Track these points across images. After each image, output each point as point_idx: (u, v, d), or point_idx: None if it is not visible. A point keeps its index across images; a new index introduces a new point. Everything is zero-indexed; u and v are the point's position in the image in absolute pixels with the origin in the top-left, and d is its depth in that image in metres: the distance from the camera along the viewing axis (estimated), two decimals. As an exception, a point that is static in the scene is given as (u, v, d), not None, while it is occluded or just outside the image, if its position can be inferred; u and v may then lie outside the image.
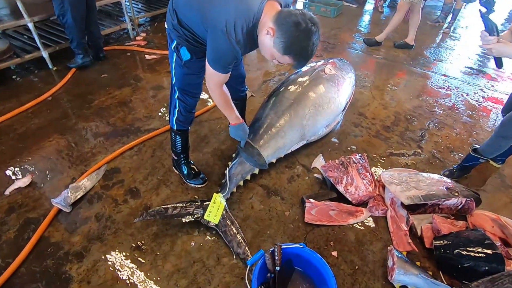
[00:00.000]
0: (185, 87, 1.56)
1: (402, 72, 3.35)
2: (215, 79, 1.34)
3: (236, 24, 1.14)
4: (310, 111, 2.08)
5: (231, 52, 1.20)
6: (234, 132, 1.63)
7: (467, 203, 1.68)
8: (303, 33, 1.12)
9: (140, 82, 2.87)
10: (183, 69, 1.48)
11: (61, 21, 2.66)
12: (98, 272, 1.43)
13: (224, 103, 1.48)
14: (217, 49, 1.22)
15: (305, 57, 1.20)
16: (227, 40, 1.15)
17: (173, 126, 1.73)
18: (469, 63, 3.62)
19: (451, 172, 2.00)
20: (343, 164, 1.87)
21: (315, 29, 1.14)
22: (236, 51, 1.19)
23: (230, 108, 1.52)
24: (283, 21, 1.12)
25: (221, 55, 1.24)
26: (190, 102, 1.62)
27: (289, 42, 1.13)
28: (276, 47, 1.16)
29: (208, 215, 1.57)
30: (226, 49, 1.19)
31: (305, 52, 1.17)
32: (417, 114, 2.66)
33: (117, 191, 1.82)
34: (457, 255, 1.44)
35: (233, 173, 1.77)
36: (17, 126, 2.27)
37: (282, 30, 1.13)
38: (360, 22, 4.76)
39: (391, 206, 1.73)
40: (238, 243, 1.54)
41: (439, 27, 4.67)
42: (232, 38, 1.15)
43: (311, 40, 1.14)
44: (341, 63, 2.57)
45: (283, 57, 1.19)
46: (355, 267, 1.50)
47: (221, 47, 1.19)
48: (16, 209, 1.69)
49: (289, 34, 1.12)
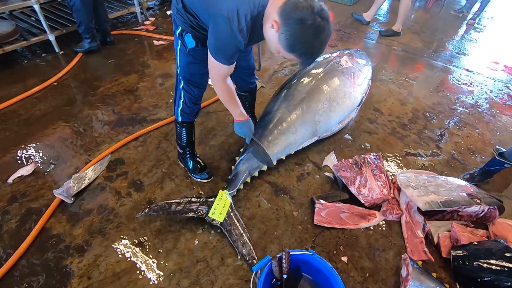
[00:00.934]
0: (190, 77, 1.47)
1: (422, 66, 3.16)
2: (218, 71, 1.25)
3: (239, 11, 1.04)
4: (323, 106, 1.97)
5: (233, 41, 1.10)
6: (238, 129, 1.54)
7: (490, 211, 1.57)
8: (310, 31, 1.01)
9: (147, 69, 2.78)
10: (188, 57, 1.38)
11: (69, 3, 2.57)
12: (99, 268, 1.39)
13: (228, 97, 1.38)
14: (219, 38, 1.12)
15: (312, 56, 1.10)
16: (229, 29, 1.06)
17: (178, 118, 1.65)
18: (494, 58, 3.40)
19: (472, 175, 1.88)
20: (357, 164, 1.76)
21: (324, 24, 1.01)
22: (238, 41, 1.10)
23: (235, 103, 1.42)
24: (288, 15, 1.01)
25: (223, 45, 1.14)
26: (195, 93, 1.53)
27: (294, 40, 1.03)
28: (281, 44, 1.07)
29: (213, 212, 1.51)
30: (228, 38, 1.09)
31: (312, 51, 1.08)
32: (436, 111, 2.51)
33: (120, 183, 1.77)
34: (477, 267, 1.35)
35: (240, 170, 1.69)
36: (22, 111, 2.22)
37: (286, 25, 1.02)
38: (378, 10, 4.50)
39: (407, 211, 1.63)
40: (243, 243, 1.47)
41: (463, 17, 4.40)
42: (235, 27, 1.05)
43: (319, 38, 1.03)
44: (357, 55, 2.43)
45: (289, 54, 1.11)
46: (366, 274, 1.42)
47: (223, 35, 1.10)
48: (19, 198, 1.66)
49: (294, 31, 1.02)
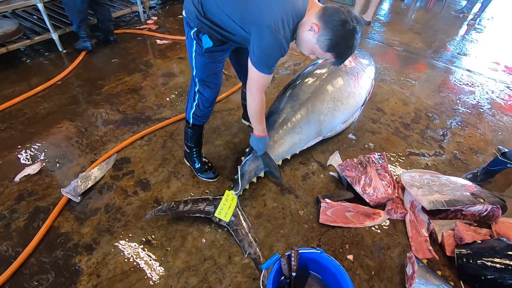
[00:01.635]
0: (206, 78, 1.47)
1: (423, 66, 3.18)
2: (259, 81, 1.28)
3: (283, 20, 1.11)
4: (328, 106, 1.99)
5: (279, 49, 1.17)
6: (255, 142, 1.57)
7: (493, 210, 1.59)
8: (350, 32, 1.12)
9: (151, 68, 2.78)
10: (204, 57, 1.38)
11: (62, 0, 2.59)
12: (108, 266, 1.40)
13: (261, 111, 1.42)
14: (265, 48, 1.17)
15: (347, 55, 1.20)
16: (276, 37, 1.12)
17: (189, 120, 1.66)
18: (495, 58, 3.42)
19: (474, 175, 1.90)
20: (362, 163, 1.78)
21: (359, 28, 1.14)
22: (284, 48, 1.17)
23: (262, 118, 1.47)
24: (330, 18, 1.11)
25: (269, 54, 1.19)
26: (209, 94, 1.53)
27: (336, 40, 1.13)
28: (320, 44, 1.16)
29: (219, 212, 1.52)
30: (274, 46, 1.16)
31: (349, 51, 1.17)
32: (438, 111, 2.53)
33: (127, 182, 1.78)
34: (481, 265, 1.37)
35: (246, 170, 1.71)
36: (27, 110, 2.23)
37: (328, 27, 1.12)
38: (380, 11, 4.53)
39: (411, 210, 1.65)
40: (249, 242, 1.49)
41: (464, 18, 4.42)
42: (281, 35, 1.12)
43: (356, 39, 1.14)
44: (361, 55, 2.45)
45: (325, 54, 1.19)
46: (372, 272, 1.44)
47: (269, 45, 1.16)
48: (26, 196, 1.66)
49: (336, 32, 1.11)
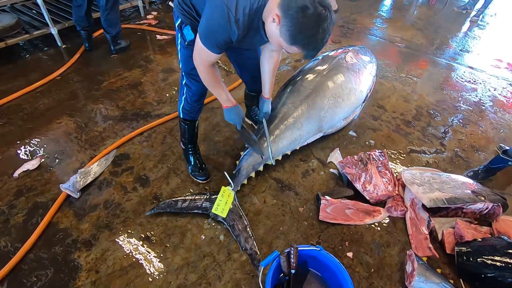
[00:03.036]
0: (191, 71, 1.44)
1: (425, 63, 3.16)
2: (203, 56, 1.20)
3: (238, 2, 1.02)
4: (329, 102, 1.97)
5: (225, 29, 1.07)
6: (227, 115, 1.49)
7: (493, 208, 1.58)
8: (311, 19, 0.96)
9: (150, 64, 2.76)
10: (187, 50, 1.37)
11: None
12: (106, 262, 1.40)
13: (214, 82, 1.34)
14: (211, 22, 1.08)
15: (314, 47, 1.04)
16: (225, 15, 1.02)
17: (180, 114, 1.66)
18: (498, 55, 3.39)
19: (475, 173, 1.89)
20: (362, 160, 1.77)
21: (326, 13, 0.97)
22: (232, 31, 1.07)
23: (220, 88, 1.37)
24: (289, 6, 0.97)
25: (214, 30, 1.10)
26: (196, 88, 1.52)
27: (295, 30, 0.99)
28: (283, 36, 1.03)
29: (216, 208, 1.52)
30: (221, 24, 1.06)
31: (314, 41, 1.01)
32: (440, 108, 2.51)
33: (126, 178, 1.77)
34: (481, 263, 1.36)
35: (243, 165, 1.70)
36: (26, 105, 2.21)
37: (287, 16, 0.98)
38: (381, 7, 4.50)
39: (411, 208, 1.64)
40: (246, 238, 1.48)
41: (467, 14, 4.38)
42: (232, 14, 1.02)
43: (320, 27, 0.98)
44: (362, 51, 2.42)
45: (291, 47, 1.05)
46: (371, 270, 1.44)
47: (216, 20, 1.06)
48: (25, 192, 1.66)
49: (295, 21, 0.97)
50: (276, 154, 1.79)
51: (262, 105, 1.71)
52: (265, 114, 1.74)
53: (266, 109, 1.72)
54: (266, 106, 1.71)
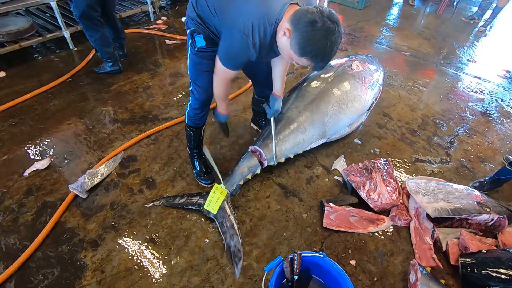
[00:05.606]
0: (196, 78, 1.49)
1: (432, 72, 3.16)
2: (223, 75, 1.32)
3: (253, 26, 1.09)
4: (333, 108, 1.99)
5: (245, 53, 1.16)
6: (216, 116, 1.66)
7: (499, 220, 1.57)
8: (320, 32, 1.01)
9: (159, 68, 2.81)
10: (195, 57, 1.41)
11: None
12: (112, 262, 1.42)
13: (224, 96, 1.52)
14: (231, 49, 1.19)
15: (323, 58, 1.08)
16: (244, 41, 1.11)
17: (185, 120, 1.70)
18: (505, 66, 3.38)
19: (481, 184, 1.88)
20: (367, 168, 1.78)
21: (334, 27, 1.02)
22: (250, 54, 1.16)
23: (225, 101, 1.57)
24: (299, 20, 1.03)
25: (234, 55, 1.21)
26: (199, 95, 1.54)
27: (305, 42, 1.04)
28: (293, 49, 1.08)
29: (208, 204, 1.56)
30: (240, 49, 1.15)
31: (323, 53, 1.06)
32: (446, 118, 2.51)
33: (133, 180, 1.80)
34: (486, 275, 1.35)
35: (239, 166, 1.74)
36: (37, 106, 2.27)
37: (297, 30, 1.04)
38: (389, 15, 4.51)
39: (415, 217, 1.64)
40: (231, 235, 1.50)
41: (474, 24, 4.37)
42: (250, 40, 1.11)
43: (329, 40, 1.03)
44: (369, 60, 2.44)
45: (301, 59, 1.10)
46: (374, 278, 1.44)
47: (235, 46, 1.16)
48: (34, 191, 1.70)
49: (304, 34, 1.03)
50: (279, 157, 1.81)
51: (273, 102, 1.70)
52: (276, 111, 1.73)
53: (277, 107, 1.71)
54: (278, 103, 1.70)
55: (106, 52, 2.48)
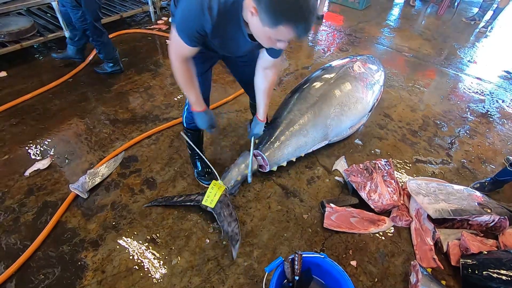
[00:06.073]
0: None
1: (433, 72, 3.16)
2: (177, 47, 1.17)
3: None
4: (335, 110, 1.99)
5: (199, 17, 1.03)
6: (196, 119, 1.45)
7: (500, 221, 1.57)
8: None
9: (160, 68, 2.81)
10: None
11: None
12: (112, 262, 1.42)
13: (185, 80, 1.27)
14: (186, 10, 1.07)
15: (301, 17, 0.93)
16: (199, 2, 1.01)
17: (183, 123, 1.69)
18: (506, 67, 3.38)
19: (482, 185, 1.88)
20: (368, 169, 1.78)
21: None
22: (205, 18, 1.03)
23: (191, 88, 1.30)
24: None
25: (187, 18, 1.08)
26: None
27: (273, 7, 0.91)
28: (265, 22, 0.95)
29: (206, 200, 1.56)
30: (194, 11, 1.03)
31: (297, 11, 0.91)
32: (447, 119, 2.51)
33: (133, 180, 1.80)
34: (487, 276, 1.35)
35: (237, 162, 1.75)
36: (38, 106, 2.27)
37: (261, 1, 0.92)
38: (389, 16, 4.52)
39: (416, 218, 1.64)
40: (229, 222, 1.51)
41: (475, 25, 4.38)
42: (206, 2, 1.00)
43: None
44: (370, 61, 2.44)
45: (278, 31, 0.96)
46: (375, 279, 1.43)
47: (191, 8, 1.04)
48: (35, 191, 1.70)
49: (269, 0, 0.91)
50: (281, 160, 1.82)
51: (255, 125, 1.62)
52: (255, 135, 1.65)
53: (257, 131, 1.63)
54: (259, 127, 1.62)
55: (110, 53, 2.52)
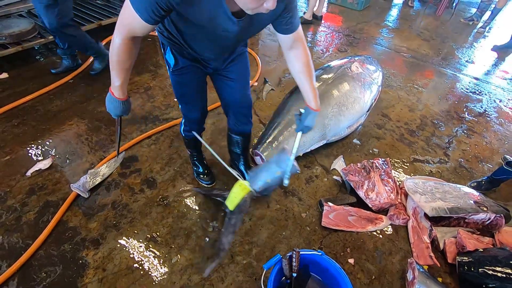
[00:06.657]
0: (180, 98, 1.42)
1: (431, 73, 3.18)
2: (124, 17, 0.93)
3: None
4: (333, 110, 2.01)
5: None
6: (108, 102, 1.18)
7: (496, 219, 1.59)
8: None
9: (160, 69, 2.84)
10: (173, 76, 1.31)
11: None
12: (113, 261, 1.44)
13: (117, 58, 1.02)
14: None
15: None
16: None
17: (181, 132, 1.67)
18: (504, 67, 3.40)
19: (479, 183, 1.90)
20: (365, 168, 1.80)
21: None
22: None
23: (121, 72, 1.07)
24: None
25: None
26: (190, 115, 1.50)
27: None
28: None
29: (228, 199, 1.47)
30: None
31: None
32: (444, 119, 2.53)
33: (134, 180, 1.82)
34: (483, 274, 1.37)
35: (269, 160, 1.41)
36: (39, 107, 2.29)
37: None
38: (388, 17, 4.54)
39: (413, 216, 1.66)
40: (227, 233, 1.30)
41: (473, 25, 4.40)
42: None
43: None
44: (368, 61, 2.46)
45: None
46: (372, 277, 1.45)
47: None
48: (37, 191, 1.72)
49: None
50: None
51: (306, 116, 1.22)
52: (306, 128, 1.25)
53: (308, 123, 1.22)
54: (311, 119, 1.22)
55: (93, 48, 2.50)
